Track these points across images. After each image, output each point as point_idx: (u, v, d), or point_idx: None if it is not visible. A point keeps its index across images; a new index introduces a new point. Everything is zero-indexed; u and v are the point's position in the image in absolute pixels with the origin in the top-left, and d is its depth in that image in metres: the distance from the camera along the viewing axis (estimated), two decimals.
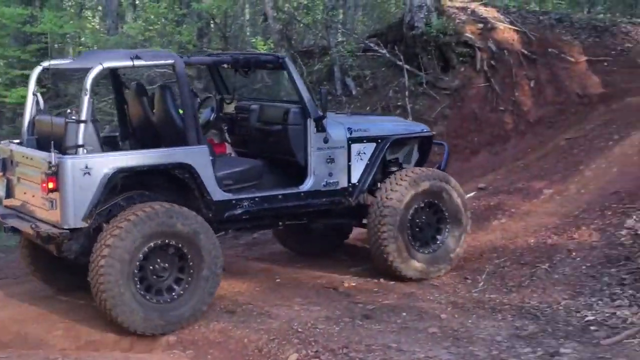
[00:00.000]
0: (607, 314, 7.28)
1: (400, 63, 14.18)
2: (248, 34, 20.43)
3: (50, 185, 7.01)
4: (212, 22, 17.79)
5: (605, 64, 14.73)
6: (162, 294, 7.21)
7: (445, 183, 8.67)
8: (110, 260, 6.91)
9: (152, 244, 7.11)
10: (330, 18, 16.04)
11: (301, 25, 17.27)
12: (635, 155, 10.23)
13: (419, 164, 9.15)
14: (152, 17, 16.58)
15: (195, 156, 7.56)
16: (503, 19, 15.02)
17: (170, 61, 7.86)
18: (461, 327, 7.12)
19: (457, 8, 15.20)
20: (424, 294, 8.12)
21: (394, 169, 8.85)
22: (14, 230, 7.73)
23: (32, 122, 8.07)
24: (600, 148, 11.33)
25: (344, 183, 8.49)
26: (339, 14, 19.13)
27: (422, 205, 8.57)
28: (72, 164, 7.03)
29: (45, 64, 8.42)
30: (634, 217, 8.78)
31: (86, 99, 7.20)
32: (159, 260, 7.19)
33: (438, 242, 8.68)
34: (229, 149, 8.75)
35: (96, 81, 7.52)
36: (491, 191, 10.94)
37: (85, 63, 8.12)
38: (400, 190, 8.42)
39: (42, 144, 7.69)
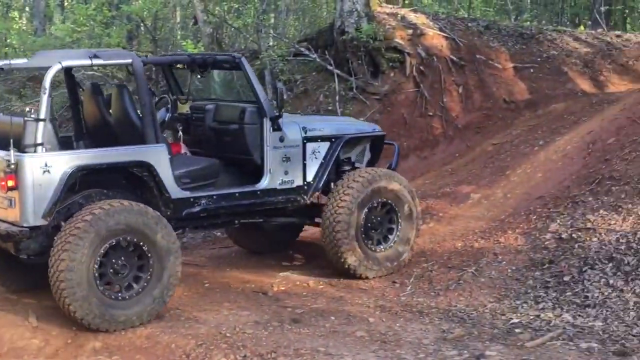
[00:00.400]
0: (531, 317, 7.42)
1: (331, 68, 14.21)
2: (179, 37, 20.30)
3: (10, 183, 7.04)
4: (141, 24, 17.65)
5: (532, 70, 14.97)
6: (110, 288, 7.24)
7: (399, 184, 8.94)
8: (88, 227, 6.99)
9: (128, 237, 7.20)
10: (261, 22, 16.04)
11: (232, 28, 17.23)
12: (560, 161, 10.41)
13: (371, 163, 9.40)
14: (81, 18, 16.35)
15: (154, 154, 7.67)
16: (432, 25, 15.16)
17: (128, 60, 7.93)
18: (389, 331, 7.17)
19: (387, 14, 15.28)
20: (352, 298, 8.16)
21: (346, 168, 9.08)
22: None
23: None
24: (526, 153, 11.52)
25: (299, 182, 8.66)
26: (270, 18, 19.17)
27: (376, 205, 8.79)
28: (31, 162, 7.08)
29: (1, 63, 8.46)
30: (558, 221, 8.94)
31: (45, 98, 7.23)
32: (123, 257, 7.26)
33: (382, 247, 8.89)
34: (184, 149, 8.78)
35: (54, 80, 7.50)
36: (419, 195, 10.94)
37: (42, 62, 8.26)
38: (356, 188, 8.62)
39: None
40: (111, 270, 7.22)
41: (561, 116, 12.95)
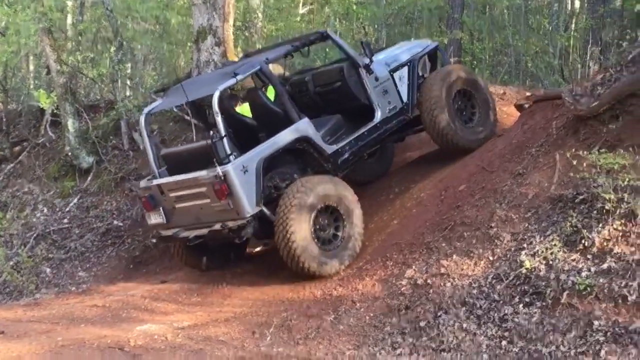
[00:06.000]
0: None
1: (188, 118, 14.16)
2: (31, 86, 19.79)
3: (225, 191, 9.20)
4: None
5: None
6: (321, 243, 9.70)
7: (466, 72, 11.69)
8: (302, 200, 9.46)
9: (327, 202, 9.75)
10: (117, 72, 15.85)
11: (87, 78, 16.93)
12: (414, 208, 10.62)
13: (432, 70, 11.83)
14: None
15: (305, 127, 10.05)
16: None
17: (258, 67, 10.07)
18: None
19: None
20: (211, 350, 8.06)
21: (419, 82, 11.44)
22: (197, 238, 9.81)
23: (158, 158, 10.24)
24: (382, 201, 11.72)
25: (399, 104, 11.21)
26: (126, 68, 18.91)
27: (456, 95, 11.33)
28: (233, 168, 9.29)
29: (146, 110, 10.56)
30: (414, 267, 9.09)
31: (218, 119, 9.43)
32: (324, 218, 9.75)
33: (472, 124, 11.54)
34: None
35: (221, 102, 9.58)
36: None
37: (197, 94, 10.34)
38: (437, 85, 11.15)
39: (174, 170, 9.97)
40: (319, 229, 9.66)
41: (415, 164, 13.24)
